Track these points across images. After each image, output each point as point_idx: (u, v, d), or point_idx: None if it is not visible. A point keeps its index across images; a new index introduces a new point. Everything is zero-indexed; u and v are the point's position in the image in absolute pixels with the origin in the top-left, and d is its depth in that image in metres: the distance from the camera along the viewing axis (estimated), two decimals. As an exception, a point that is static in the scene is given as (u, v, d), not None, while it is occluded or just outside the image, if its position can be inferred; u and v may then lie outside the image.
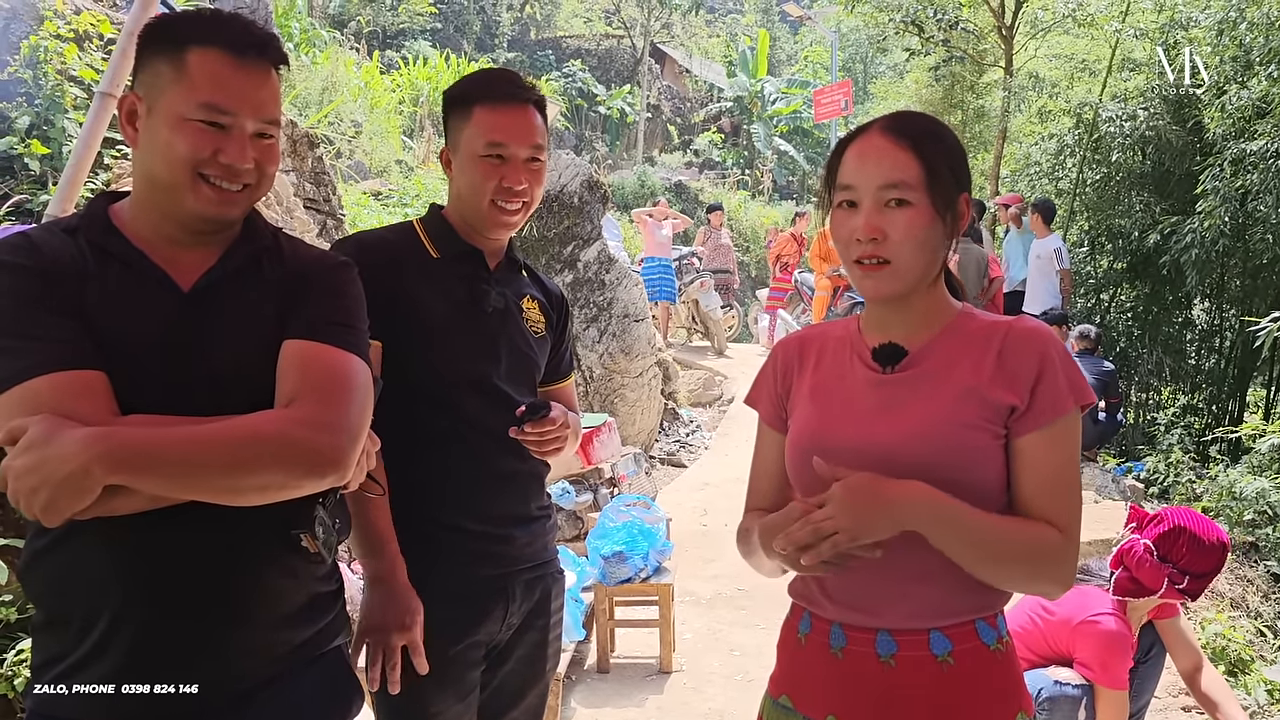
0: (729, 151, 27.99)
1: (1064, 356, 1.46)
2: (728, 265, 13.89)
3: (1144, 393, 10.68)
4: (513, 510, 2.04)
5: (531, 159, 1.98)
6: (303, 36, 13.29)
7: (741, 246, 19.93)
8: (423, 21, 25.10)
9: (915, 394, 1.49)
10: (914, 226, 1.44)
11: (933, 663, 1.46)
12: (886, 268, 1.45)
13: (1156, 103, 9.94)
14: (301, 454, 1.35)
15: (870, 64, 31.32)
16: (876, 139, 1.48)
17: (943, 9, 13.40)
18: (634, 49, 29.17)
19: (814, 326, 1.74)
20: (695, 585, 5.39)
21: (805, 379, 1.63)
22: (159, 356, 1.38)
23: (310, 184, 5.14)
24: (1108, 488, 7.29)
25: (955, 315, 1.55)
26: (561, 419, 1.98)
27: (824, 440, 1.53)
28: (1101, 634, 2.86)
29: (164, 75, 1.41)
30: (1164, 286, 10.20)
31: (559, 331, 2.21)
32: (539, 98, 2.03)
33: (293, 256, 1.57)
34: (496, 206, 1.97)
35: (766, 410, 1.70)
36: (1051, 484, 1.43)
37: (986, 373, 1.46)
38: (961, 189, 1.50)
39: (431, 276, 1.98)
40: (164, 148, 1.40)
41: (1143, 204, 10.05)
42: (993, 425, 1.44)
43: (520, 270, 2.16)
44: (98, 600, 1.36)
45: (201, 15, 1.47)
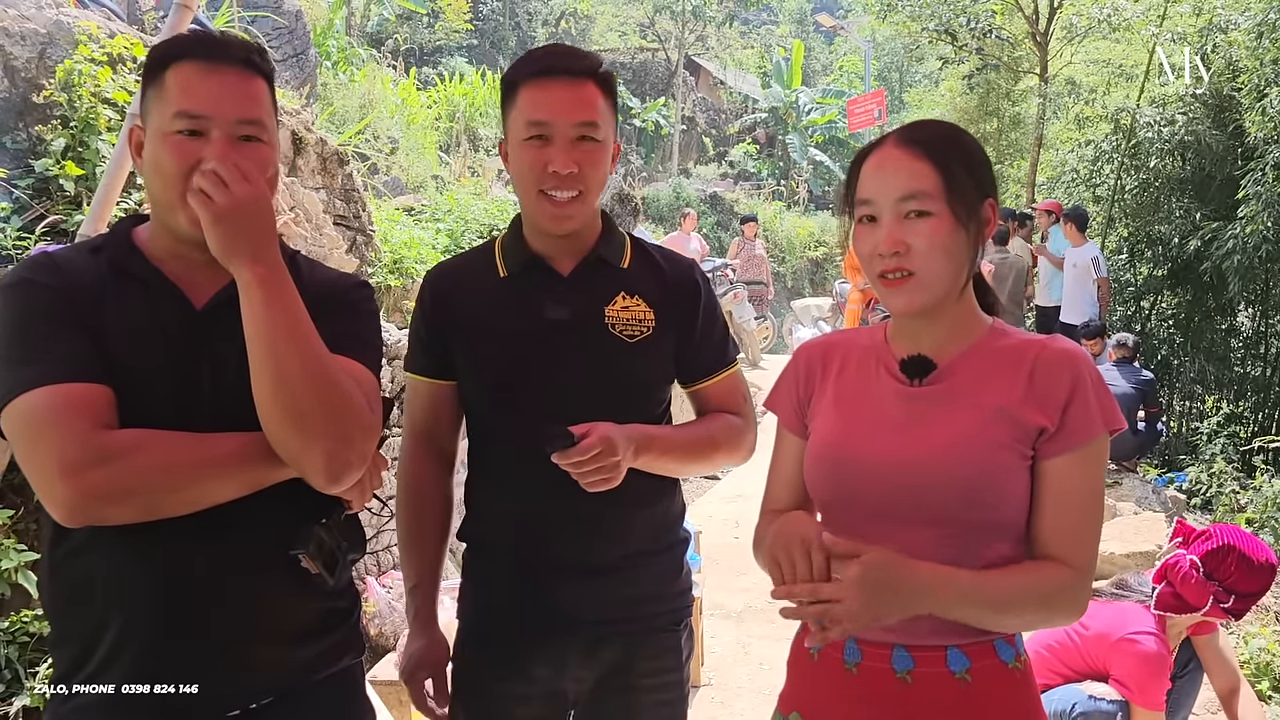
0: (764, 162, 27.97)
1: (1096, 379, 1.43)
2: (762, 277, 13.85)
3: (1186, 401, 10.48)
4: (583, 557, 1.81)
5: (582, 137, 1.72)
6: (340, 55, 13.48)
7: (776, 258, 19.89)
8: (459, 38, 25.37)
9: (944, 410, 1.45)
10: (936, 236, 1.40)
11: (950, 680, 1.43)
12: (912, 280, 1.42)
13: (1195, 107, 9.79)
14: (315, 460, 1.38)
15: (905, 73, 31.17)
16: (892, 150, 1.45)
17: (976, 17, 13.31)
18: (669, 62, 29.25)
19: (840, 332, 1.71)
20: (725, 598, 5.36)
21: (829, 386, 1.60)
22: (169, 372, 1.40)
23: (340, 200, 5.20)
24: (1148, 499, 7.16)
25: (986, 330, 1.52)
26: (598, 444, 1.62)
27: (847, 452, 1.50)
28: (1139, 654, 2.80)
29: (151, 99, 1.43)
30: (1205, 293, 10.02)
31: (686, 321, 1.88)
32: (597, 69, 1.75)
33: (310, 277, 1.57)
34: (545, 196, 1.73)
35: (787, 414, 1.66)
36: (1072, 514, 1.41)
37: (1018, 393, 1.42)
38: (985, 195, 1.46)
39: (493, 298, 1.83)
40: (154, 167, 1.42)
41: (1182, 209, 9.90)
42: (1021, 446, 1.41)
43: (615, 264, 1.86)
44: (104, 617, 1.38)
45: (186, 37, 1.49)
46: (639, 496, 1.80)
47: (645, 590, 1.87)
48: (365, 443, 1.43)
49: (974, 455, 1.40)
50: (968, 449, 1.41)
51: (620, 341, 1.81)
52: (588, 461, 1.62)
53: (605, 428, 1.66)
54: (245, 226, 1.36)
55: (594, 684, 1.86)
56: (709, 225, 20.42)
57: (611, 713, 1.87)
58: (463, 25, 25.03)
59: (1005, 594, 1.38)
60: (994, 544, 1.42)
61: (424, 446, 1.95)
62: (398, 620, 3.94)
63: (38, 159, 3.78)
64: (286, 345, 1.36)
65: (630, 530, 1.85)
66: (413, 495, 1.94)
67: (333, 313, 1.52)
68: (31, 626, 2.86)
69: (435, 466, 1.95)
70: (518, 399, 1.81)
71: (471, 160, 13.10)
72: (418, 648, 1.90)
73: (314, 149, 5.06)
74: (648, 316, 1.84)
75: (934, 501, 1.41)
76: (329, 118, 9.15)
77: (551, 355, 1.79)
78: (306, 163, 5.00)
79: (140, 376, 1.37)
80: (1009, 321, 1.67)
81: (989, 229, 1.48)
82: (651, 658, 1.88)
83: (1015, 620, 1.43)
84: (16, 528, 2.97)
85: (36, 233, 3.55)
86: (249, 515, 1.40)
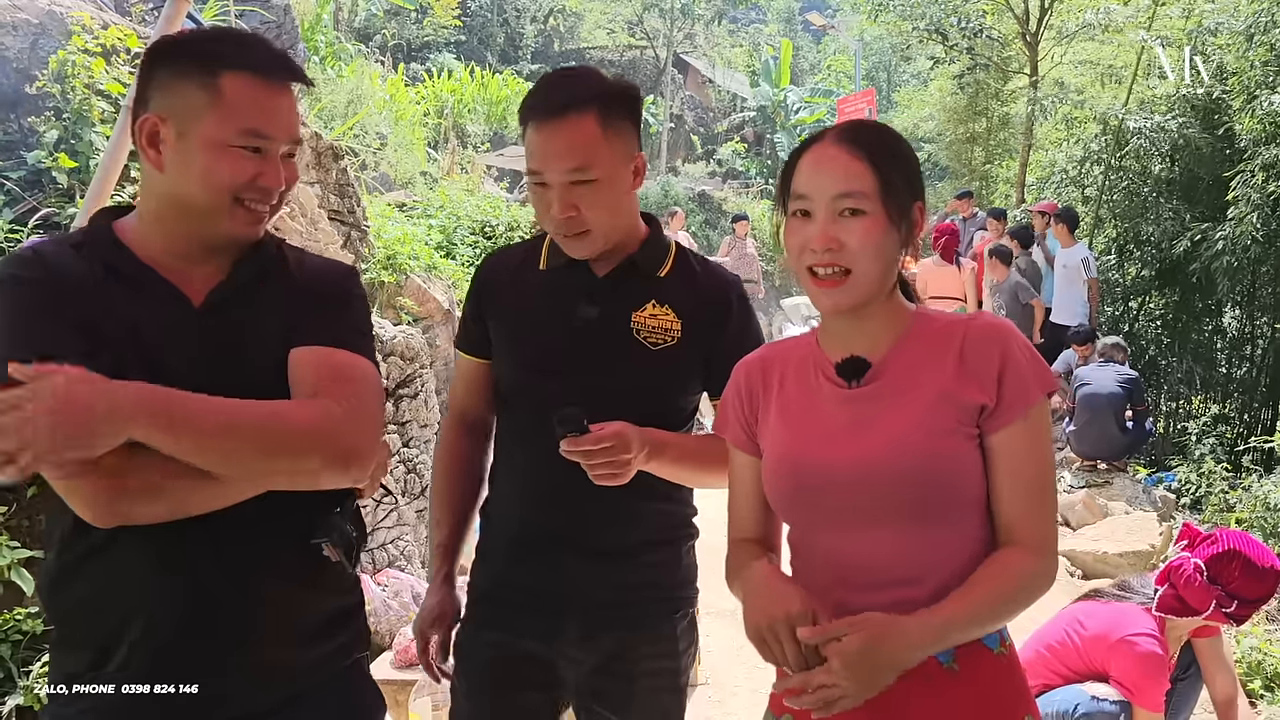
0: (752, 161, 27.97)
1: (1025, 348, 1.47)
2: (752, 275, 13.83)
3: (1174, 402, 10.53)
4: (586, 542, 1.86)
5: (574, 182, 1.74)
6: (329, 50, 13.39)
7: (765, 256, 19.86)
8: (447, 34, 25.26)
9: (885, 407, 1.48)
10: (870, 235, 1.43)
11: (938, 669, 1.46)
12: (847, 280, 1.44)
13: (1184, 109, 9.84)
14: (333, 444, 1.37)
15: (894, 72, 31.23)
16: (830, 148, 1.47)
17: (967, 17, 13.34)
18: (657, 59, 29.21)
19: (773, 345, 1.71)
20: (720, 598, 5.32)
21: (772, 400, 1.60)
22: (175, 371, 1.36)
23: (335, 196, 5.16)
24: (1139, 498, 7.19)
25: (912, 319, 1.54)
26: (611, 439, 1.65)
27: (800, 463, 1.52)
28: (1138, 654, 2.80)
29: (195, 99, 1.40)
30: (1193, 294, 10.06)
31: (714, 334, 1.90)
32: (594, 98, 1.75)
33: (299, 267, 1.57)
34: (557, 233, 1.82)
35: (735, 435, 1.66)
36: (1027, 488, 1.45)
37: (951, 373, 1.45)
38: (915, 198, 1.49)
39: (531, 290, 1.92)
40: (203, 174, 1.40)
41: (1171, 211, 9.93)
42: (966, 427, 1.45)
43: (651, 272, 1.90)
44: (125, 617, 1.37)
45: (226, 36, 1.48)
46: (652, 490, 1.84)
47: (645, 578, 1.91)
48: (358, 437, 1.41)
49: (921, 445, 1.43)
50: (913, 441, 1.44)
51: (643, 347, 1.85)
52: (598, 453, 1.64)
53: (623, 425, 1.69)
54: (79, 423, 1.20)
55: (591, 669, 1.89)
56: (697, 224, 20.40)
57: (608, 699, 1.91)
58: (451, 21, 24.92)
59: (987, 606, 1.42)
60: (960, 525, 1.46)
61: (460, 419, 2.06)
62: (393, 619, 3.92)
63: (30, 151, 3.74)
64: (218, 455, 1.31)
65: (638, 520, 1.89)
66: (445, 462, 2.05)
67: (327, 305, 1.53)
68: (25, 625, 2.82)
69: (469, 438, 2.06)
70: (540, 387, 1.86)
71: (460, 157, 13.05)
72: (433, 604, 1.99)
73: (308, 143, 5.02)
74: (674, 326, 1.87)
75: (891, 498, 1.44)
76: (318, 114, 9.09)
77: (575, 350, 1.86)
78: (301, 157, 4.94)
79: (145, 376, 1.33)
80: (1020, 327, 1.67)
81: (917, 230, 1.51)
82: (649, 644, 1.92)
83: (998, 622, 1.47)
84: (9, 524, 2.93)
85: (29, 225, 3.51)
86: (269, 510, 1.39)
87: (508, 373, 1.95)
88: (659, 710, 1.95)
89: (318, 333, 1.48)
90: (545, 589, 1.88)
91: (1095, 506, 6.77)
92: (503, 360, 1.96)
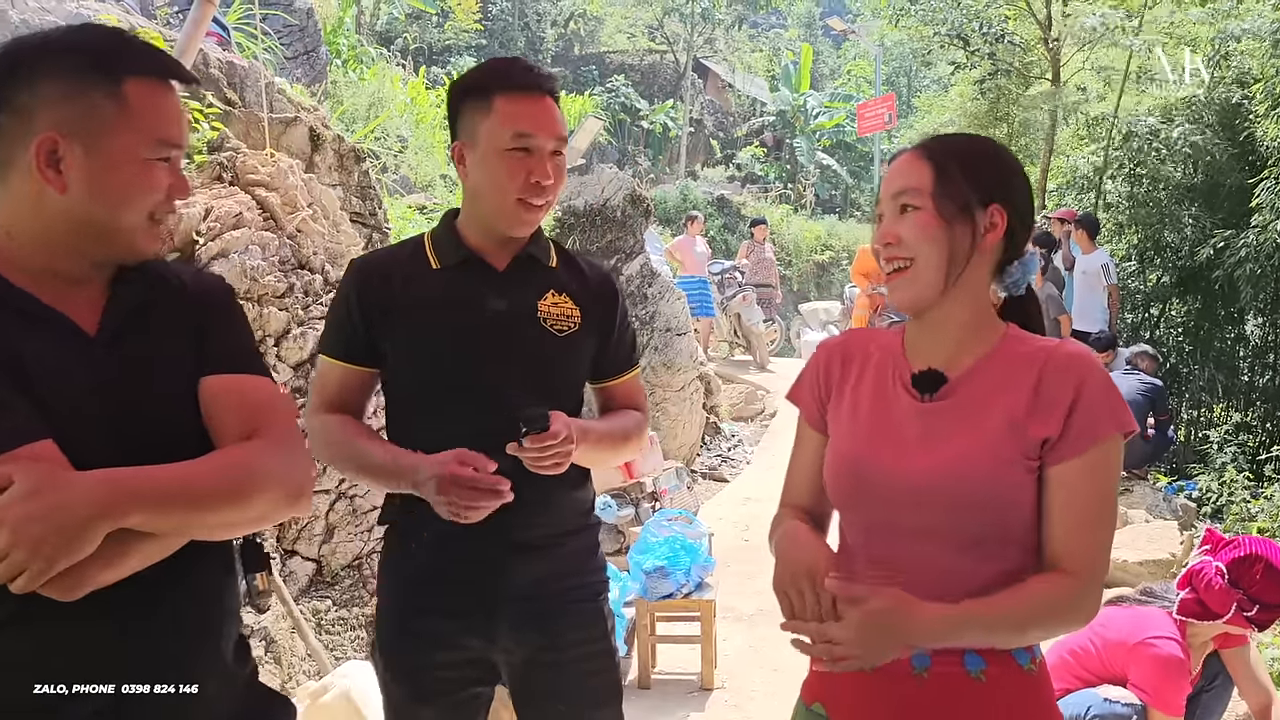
0: (771, 166, 27.95)
1: (1104, 383, 1.44)
2: (770, 280, 13.84)
3: (1195, 410, 10.46)
4: (511, 535, 1.89)
5: (556, 152, 1.87)
6: (350, 53, 13.47)
7: (783, 261, 19.87)
8: (468, 38, 25.40)
9: (955, 426, 1.48)
10: (923, 228, 1.46)
11: (965, 678, 1.46)
12: (909, 270, 1.48)
13: (1206, 114, 9.77)
14: (288, 484, 1.36)
15: (914, 77, 31.13)
16: (906, 154, 1.54)
17: (989, 22, 13.28)
18: (677, 64, 29.25)
19: (859, 332, 1.75)
20: (737, 601, 5.35)
21: (847, 390, 1.63)
22: (72, 408, 1.26)
23: (356, 198, 5.19)
24: (1159, 506, 7.14)
25: (1000, 338, 1.53)
26: (565, 432, 1.75)
27: (862, 465, 1.54)
28: (1156, 657, 2.79)
29: (102, 111, 1.27)
30: (1215, 301, 9.99)
31: (606, 321, 2.03)
32: (557, 91, 1.93)
33: (180, 286, 1.47)
34: (523, 204, 1.86)
35: (809, 409, 1.70)
36: (1079, 521, 1.42)
37: (1024, 404, 1.44)
38: (986, 200, 1.48)
39: (429, 290, 1.91)
40: (121, 193, 1.30)
41: (1193, 217, 9.86)
42: (1027, 460, 1.43)
43: (544, 263, 1.99)
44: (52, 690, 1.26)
45: (110, 36, 1.34)
46: (564, 479, 1.89)
47: (569, 566, 1.98)
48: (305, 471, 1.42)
49: (981, 471, 1.43)
50: (975, 465, 1.44)
51: (551, 334, 1.93)
52: (556, 446, 1.74)
53: (563, 416, 1.79)
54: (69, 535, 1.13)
55: (524, 660, 1.94)
56: (716, 228, 20.42)
57: (543, 686, 1.96)
58: (472, 25, 25.05)
59: (1011, 617, 1.41)
60: (1005, 553, 1.45)
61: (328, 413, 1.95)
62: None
63: (57, 152, 3.78)
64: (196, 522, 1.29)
65: (558, 511, 1.96)
66: (334, 430, 1.91)
67: (224, 326, 1.47)
68: None
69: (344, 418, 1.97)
70: (460, 387, 1.88)
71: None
72: (428, 463, 1.79)
73: (331, 146, 5.05)
74: (575, 313, 1.97)
75: (946, 518, 1.45)
76: (340, 116, 9.14)
77: (492, 345, 1.89)
78: (323, 159, 4.99)
79: (57, 416, 1.24)
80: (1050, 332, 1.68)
81: (990, 235, 1.49)
82: (576, 629, 1.98)
83: (1024, 637, 1.46)
84: None
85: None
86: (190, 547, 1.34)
87: (421, 373, 1.92)
88: (597, 693, 2.02)
89: (224, 359, 1.43)
90: (480, 586, 1.91)
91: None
92: (412, 362, 1.92)
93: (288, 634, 3.62)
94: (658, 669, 4.52)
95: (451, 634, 1.92)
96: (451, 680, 1.94)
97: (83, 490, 1.15)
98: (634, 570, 4.45)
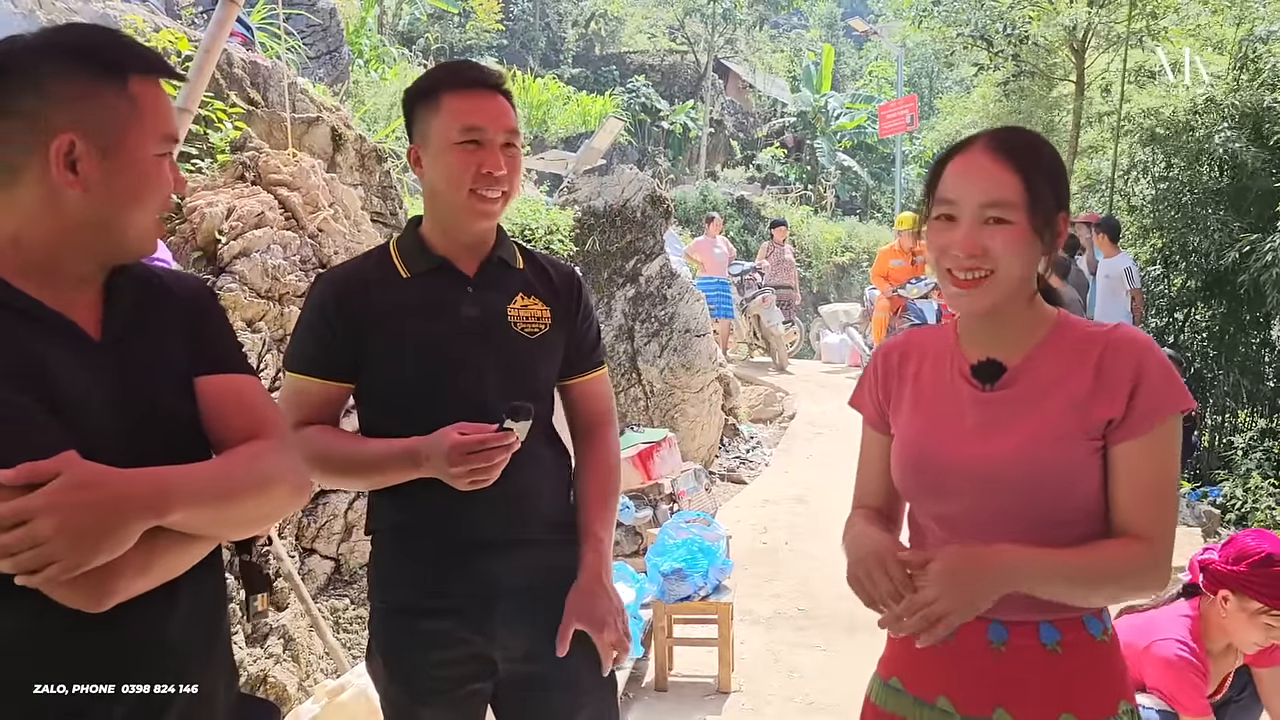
0: (792, 167, 27.87)
1: (1162, 362, 1.48)
2: (790, 281, 13.80)
3: (1220, 415, 10.35)
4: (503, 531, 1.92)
5: (507, 144, 1.89)
6: (372, 53, 13.53)
7: (803, 262, 19.81)
8: (489, 38, 25.46)
9: (1017, 412, 1.52)
10: (1013, 244, 1.46)
11: (1041, 650, 1.52)
12: (988, 280, 1.47)
13: (1233, 117, 9.68)
14: (296, 478, 1.41)
15: (936, 79, 30.99)
16: (980, 155, 1.49)
17: (1013, 23, 13.20)
18: (698, 64, 29.22)
19: (915, 332, 1.78)
20: (755, 604, 5.33)
21: (907, 388, 1.68)
22: (85, 413, 1.27)
23: (377, 198, 5.21)
24: (1182, 513, 7.08)
25: (1053, 325, 1.57)
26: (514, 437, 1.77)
27: (930, 455, 1.58)
28: (1163, 659, 2.77)
29: (117, 110, 1.28)
30: (1241, 306, 9.88)
31: (573, 319, 2.06)
32: (507, 88, 1.96)
33: (164, 287, 1.47)
34: (476, 195, 1.87)
35: (870, 413, 1.76)
36: (1145, 495, 1.47)
37: (1086, 385, 1.48)
38: (1061, 208, 1.52)
39: (402, 298, 1.92)
40: (137, 192, 1.31)
41: (1219, 221, 9.76)
42: (1091, 440, 1.48)
43: (512, 266, 2.01)
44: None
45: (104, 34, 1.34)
46: (547, 471, 1.99)
47: (565, 561, 1.99)
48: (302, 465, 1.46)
49: (1046, 454, 1.48)
50: (1040, 449, 1.48)
51: (524, 338, 1.96)
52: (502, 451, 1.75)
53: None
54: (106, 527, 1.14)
55: (522, 654, 1.95)
56: (735, 229, 20.36)
57: (542, 679, 1.96)
58: (493, 26, 25.11)
59: (1086, 570, 1.45)
60: (1073, 528, 1.49)
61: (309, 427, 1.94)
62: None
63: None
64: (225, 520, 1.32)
65: (548, 503, 2.00)
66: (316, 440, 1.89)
67: (207, 328, 1.48)
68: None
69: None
70: (437, 394, 1.89)
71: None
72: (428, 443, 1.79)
73: (352, 145, 5.07)
74: (545, 314, 2.00)
75: (1012, 500, 1.50)
76: (361, 116, 9.18)
77: (467, 352, 1.91)
78: (345, 159, 5.00)
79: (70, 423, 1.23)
80: None
81: (1060, 240, 1.53)
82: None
83: (1099, 595, 1.51)
84: None
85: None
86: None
87: (398, 382, 1.92)
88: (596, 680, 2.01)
89: (218, 360, 1.45)
90: (481, 588, 1.92)
91: (1137, 520, 6.67)
92: (389, 371, 1.92)
93: (306, 632, 3.63)
94: (674, 671, 4.51)
95: (448, 632, 1.93)
96: (449, 679, 1.95)
97: (131, 486, 1.17)
98: (651, 572, 4.44)
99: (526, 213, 8.73)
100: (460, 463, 1.74)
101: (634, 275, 8.00)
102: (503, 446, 1.76)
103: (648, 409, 7.73)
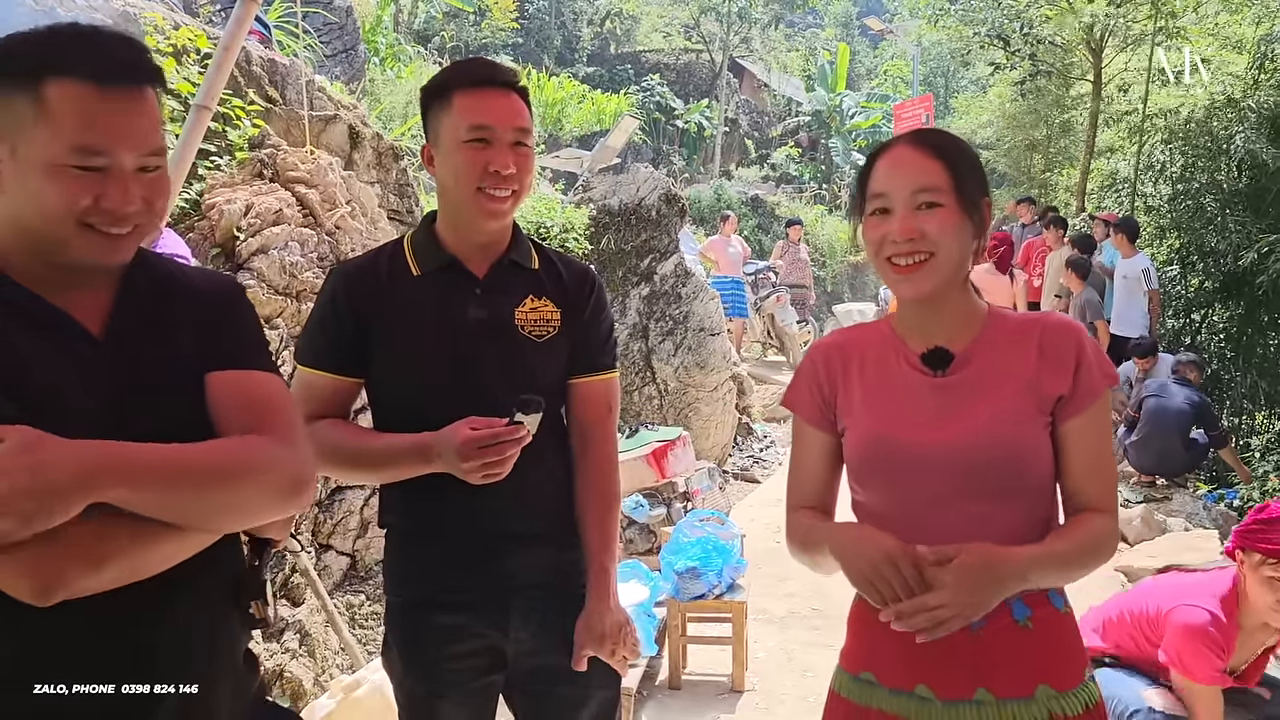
0: (806, 166, 27.81)
1: (1093, 343, 1.62)
2: (804, 280, 13.78)
3: (1237, 417, 10.29)
4: (510, 528, 1.94)
5: (518, 143, 1.88)
6: (388, 51, 13.58)
7: (817, 262, 19.77)
8: (505, 37, 25.47)
9: (973, 396, 1.60)
10: (947, 225, 1.55)
11: (1015, 628, 1.59)
12: (929, 263, 1.56)
13: (1252, 118, 9.62)
14: (282, 474, 1.33)
15: (952, 78, 30.90)
16: (905, 150, 1.60)
17: (1030, 22, 13.15)
18: (712, 63, 29.19)
19: (847, 330, 1.83)
20: (768, 603, 5.33)
21: (853, 383, 1.71)
22: (81, 412, 1.25)
23: (394, 195, 5.23)
24: (1199, 515, 7.03)
25: (987, 315, 1.67)
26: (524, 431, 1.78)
27: (893, 445, 1.63)
28: (1180, 625, 2.75)
29: (21, 113, 1.23)
30: (1259, 307, 9.82)
31: (584, 320, 2.03)
32: (521, 85, 1.95)
33: (188, 283, 1.46)
34: (484, 194, 1.86)
35: (809, 411, 1.77)
36: (1096, 468, 1.61)
37: (1032, 367, 1.59)
38: (983, 194, 1.62)
39: (412, 295, 1.92)
40: (36, 197, 1.24)
41: (1237, 222, 9.71)
42: (1043, 416, 1.59)
43: (525, 267, 2.00)
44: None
45: (56, 37, 1.27)
46: (554, 467, 2.01)
47: (574, 557, 2.02)
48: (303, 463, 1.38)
49: (1006, 433, 1.57)
50: (1000, 428, 1.57)
51: (531, 342, 1.96)
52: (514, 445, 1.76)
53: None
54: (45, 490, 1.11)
55: (532, 648, 1.97)
56: (750, 228, 20.33)
57: (551, 671, 1.99)
58: (509, 24, 25.13)
59: (1074, 553, 1.56)
60: (1027, 498, 1.60)
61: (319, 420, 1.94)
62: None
63: (102, 148, 3.83)
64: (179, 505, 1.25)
65: (555, 498, 2.01)
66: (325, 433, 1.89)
67: (231, 322, 1.46)
68: None
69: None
70: (444, 392, 1.89)
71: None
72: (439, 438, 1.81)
73: (370, 143, 5.09)
74: (554, 317, 1.99)
75: (978, 479, 1.57)
76: (378, 114, 9.21)
77: (473, 353, 1.91)
78: (362, 157, 5.03)
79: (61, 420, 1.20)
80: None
81: (985, 224, 1.63)
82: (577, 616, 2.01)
83: (1081, 571, 1.58)
84: None
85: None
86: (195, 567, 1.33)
87: (406, 378, 1.93)
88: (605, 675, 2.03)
89: (229, 355, 1.42)
90: (497, 582, 1.94)
91: (1154, 522, 6.63)
92: (398, 366, 1.93)
93: (321, 628, 3.65)
94: (688, 670, 4.51)
95: (463, 626, 1.94)
96: (464, 671, 1.96)
97: (71, 452, 1.13)
98: (666, 570, 4.45)
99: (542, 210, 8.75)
100: (472, 457, 1.74)
101: (649, 274, 8.00)
102: (514, 440, 1.76)
103: (662, 407, 7.73)
